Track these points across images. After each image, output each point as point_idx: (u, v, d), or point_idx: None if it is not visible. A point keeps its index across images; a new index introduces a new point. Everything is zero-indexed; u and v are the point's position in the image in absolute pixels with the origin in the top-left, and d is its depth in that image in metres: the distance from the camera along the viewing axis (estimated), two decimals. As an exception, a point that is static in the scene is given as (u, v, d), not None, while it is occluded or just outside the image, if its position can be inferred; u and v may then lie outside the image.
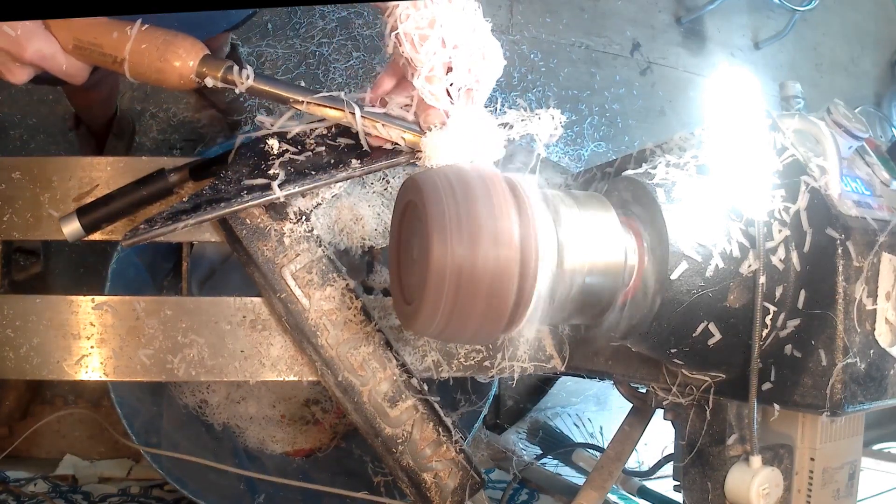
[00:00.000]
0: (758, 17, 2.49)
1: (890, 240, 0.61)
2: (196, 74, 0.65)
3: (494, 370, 0.94)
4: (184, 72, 0.65)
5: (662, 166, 0.68)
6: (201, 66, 0.65)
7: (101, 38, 0.64)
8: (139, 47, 0.64)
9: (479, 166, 0.62)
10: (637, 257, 0.65)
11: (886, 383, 0.62)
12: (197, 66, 0.65)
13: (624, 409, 1.01)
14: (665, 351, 0.66)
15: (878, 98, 2.65)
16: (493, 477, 1.63)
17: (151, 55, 0.64)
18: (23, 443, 1.46)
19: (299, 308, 0.83)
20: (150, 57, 0.64)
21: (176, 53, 0.64)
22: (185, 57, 0.64)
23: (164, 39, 0.64)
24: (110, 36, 0.64)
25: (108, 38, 0.64)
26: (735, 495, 0.68)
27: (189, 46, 0.65)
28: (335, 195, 0.87)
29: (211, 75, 0.66)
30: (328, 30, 1.95)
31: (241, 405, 1.55)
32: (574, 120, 2.18)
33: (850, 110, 0.68)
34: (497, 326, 0.59)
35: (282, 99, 0.69)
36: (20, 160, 0.87)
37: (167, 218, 0.74)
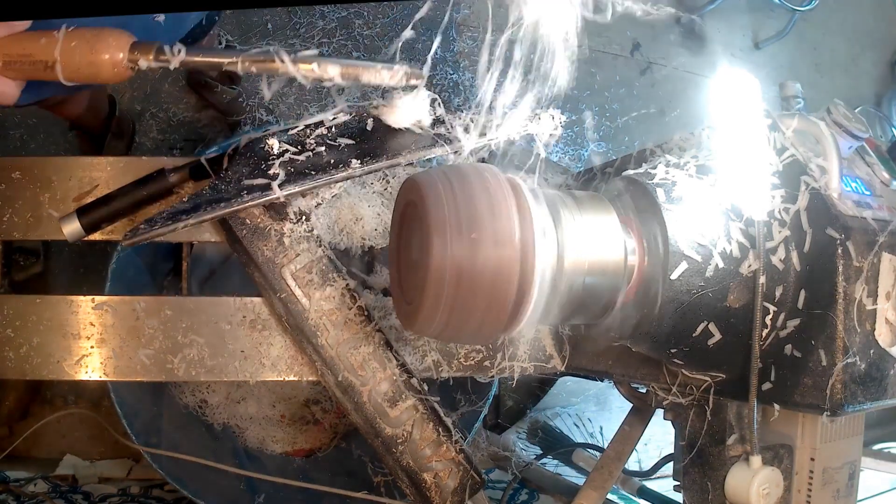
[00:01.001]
0: (758, 17, 2.49)
1: (890, 240, 0.61)
2: (129, 61, 0.65)
3: (494, 370, 0.94)
4: (116, 60, 0.65)
5: (662, 166, 0.68)
6: (132, 52, 0.65)
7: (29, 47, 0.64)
8: (69, 46, 0.64)
9: (479, 166, 0.62)
10: (637, 257, 0.65)
11: (886, 383, 0.62)
12: (128, 52, 0.65)
13: (624, 409, 1.01)
14: (665, 351, 0.66)
15: (878, 98, 2.65)
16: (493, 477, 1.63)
17: (82, 51, 0.64)
18: (23, 443, 1.46)
19: (299, 308, 0.83)
20: (80, 53, 0.64)
21: (106, 44, 0.64)
22: (115, 46, 0.64)
23: (92, 34, 0.65)
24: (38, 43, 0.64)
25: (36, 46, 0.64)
26: (735, 495, 0.68)
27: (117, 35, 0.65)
28: (335, 195, 0.87)
29: (143, 58, 0.66)
30: (328, 30, 1.95)
31: (241, 405, 1.55)
32: (574, 120, 2.18)
33: (850, 110, 0.68)
34: (497, 326, 0.59)
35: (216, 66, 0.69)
36: (20, 160, 0.87)
37: (167, 218, 0.74)
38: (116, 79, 0.67)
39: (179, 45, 0.66)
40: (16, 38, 0.64)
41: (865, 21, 2.72)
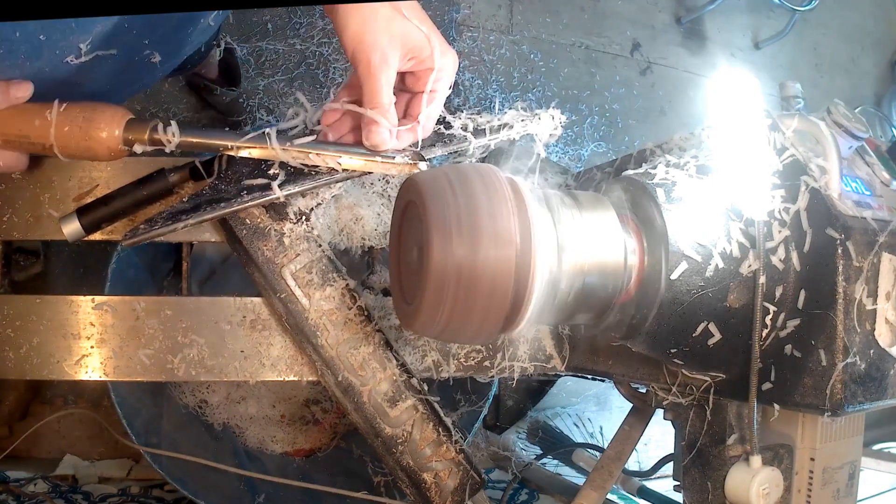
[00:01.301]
0: (758, 17, 2.49)
1: (890, 240, 0.61)
2: (123, 143, 0.65)
3: (494, 370, 0.94)
4: (111, 144, 0.65)
5: (662, 166, 0.68)
6: (126, 132, 0.65)
7: (25, 128, 0.64)
8: (62, 130, 0.63)
9: (479, 166, 0.62)
10: (637, 257, 0.65)
11: (886, 383, 0.62)
12: (122, 133, 0.65)
13: (624, 409, 1.01)
14: (665, 351, 0.66)
15: (878, 98, 2.65)
16: (493, 477, 1.63)
17: (76, 135, 0.64)
18: (23, 443, 1.46)
19: (299, 308, 0.83)
20: (74, 137, 0.64)
21: (98, 127, 0.64)
22: (108, 128, 0.64)
23: (84, 116, 0.64)
24: (32, 125, 0.63)
25: (31, 128, 0.63)
26: (735, 495, 0.68)
27: (110, 116, 0.65)
28: (335, 195, 0.87)
29: (137, 140, 0.66)
30: (328, 30, 1.95)
31: (241, 405, 1.55)
32: (574, 120, 2.18)
33: (850, 110, 0.68)
34: (497, 326, 0.59)
35: (211, 147, 0.69)
36: (20, 160, 0.87)
37: (167, 218, 0.74)
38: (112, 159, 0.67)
39: (174, 127, 0.66)
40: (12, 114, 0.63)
41: (865, 21, 2.72)
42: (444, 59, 0.68)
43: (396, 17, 0.64)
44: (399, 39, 0.64)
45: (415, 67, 0.68)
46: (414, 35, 0.65)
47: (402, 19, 0.64)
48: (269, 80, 1.88)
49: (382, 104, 0.65)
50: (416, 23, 0.65)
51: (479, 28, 2.11)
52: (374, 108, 0.65)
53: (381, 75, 0.64)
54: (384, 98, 0.65)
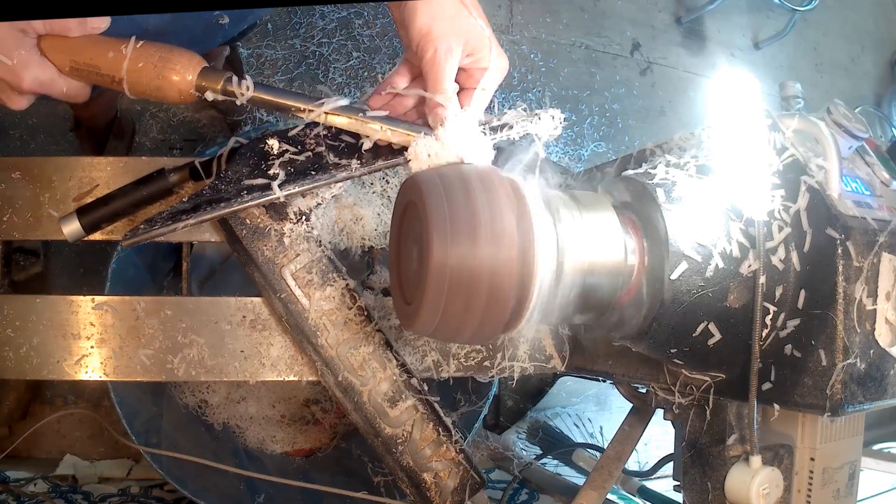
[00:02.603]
0: (758, 17, 2.49)
1: (890, 240, 0.61)
2: (195, 88, 0.65)
3: (494, 370, 0.94)
4: (183, 87, 0.65)
5: (662, 166, 0.68)
6: (200, 79, 0.65)
7: (97, 58, 0.63)
8: (136, 66, 0.63)
9: (479, 166, 0.62)
10: (637, 257, 0.65)
11: (886, 383, 0.62)
12: (196, 79, 0.65)
13: (624, 409, 1.01)
14: (665, 351, 0.66)
15: (878, 98, 2.65)
16: (493, 477, 1.63)
17: (149, 72, 0.64)
18: (23, 443, 1.45)
19: (299, 308, 0.83)
20: (147, 74, 0.64)
21: (173, 69, 0.64)
22: (182, 72, 0.64)
23: (161, 56, 0.64)
24: (106, 56, 0.63)
25: (104, 59, 0.63)
26: (735, 495, 0.68)
27: (186, 61, 0.65)
28: (335, 195, 0.87)
29: (210, 88, 0.66)
30: (328, 30, 1.95)
31: (241, 405, 1.55)
32: (574, 120, 2.18)
33: (850, 110, 0.68)
34: (497, 326, 0.59)
35: (283, 107, 0.68)
36: (20, 160, 0.87)
37: (167, 218, 0.74)
38: (182, 102, 0.67)
39: (248, 81, 0.66)
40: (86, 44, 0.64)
41: (865, 21, 2.72)
42: (499, 60, 0.71)
43: (462, 14, 0.68)
44: (464, 34, 0.67)
45: (471, 65, 0.70)
46: (476, 33, 0.68)
47: (466, 16, 0.68)
48: (270, 81, 1.88)
49: (447, 89, 0.68)
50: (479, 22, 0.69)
51: (479, 28, 2.11)
52: (440, 94, 0.68)
53: (447, 64, 0.67)
54: (449, 84, 0.68)
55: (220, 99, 0.66)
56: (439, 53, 0.66)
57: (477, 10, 0.69)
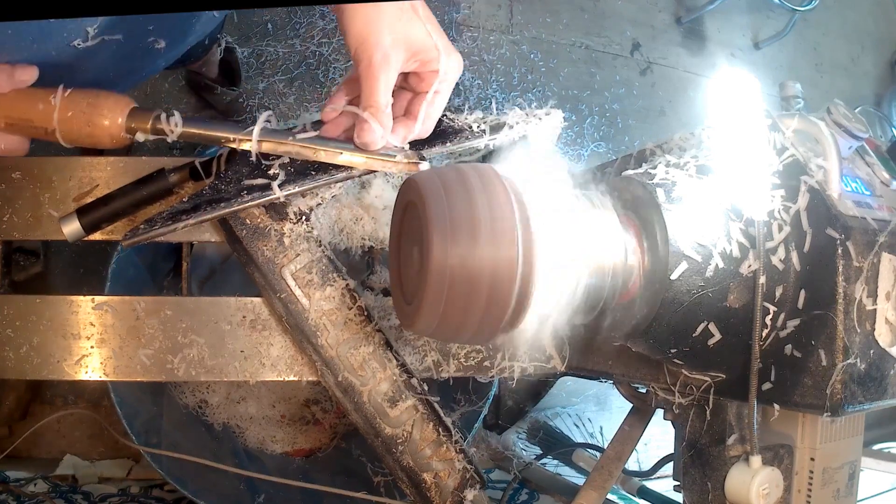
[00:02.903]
0: (758, 17, 2.49)
1: (890, 240, 0.61)
2: (126, 131, 0.65)
3: (494, 370, 0.94)
4: (113, 131, 0.65)
5: (662, 166, 0.68)
6: (129, 121, 0.65)
7: (28, 112, 0.63)
8: (65, 115, 0.63)
9: (479, 166, 0.62)
10: (637, 257, 0.65)
11: (886, 383, 0.62)
12: (125, 121, 0.65)
13: (624, 409, 1.01)
14: (665, 351, 0.66)
15: (878, 98, 2.65)
16: (493, 477, 1.63)
17: (79, 121, 0.64)
18: (23, 443, 1.45)
19: (299, 308, 0.83)
20: (77, 122, 0.64)
21: (101, 114, 0.64)
22: (111, 115, 0.64)
23: (88, 102, 0.64)
24: (37, 108, 0.63)
25: (35, 112, 0.63)
26: (735, 495, 0.68)
27: (113, 104, 0.65)
28: (335, 195, 0.87)
29: (140, 129, 0.66)
30: (328, 30, 1.95)
31: (241, 405, 1.55)
32: (574, 120, 2.18)
33: (850, 110, 0.68)
34: (497, 326, 0.59)
35: (213, 140, 0.68)
36: (20, 160, 0.87)
37: (167, 218, 0.74)
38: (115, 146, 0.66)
39: (177, 117, 0.66)
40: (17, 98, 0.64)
41: (865, 21, 2.72)
42: (449, 61, 0.68)
43: (402, 18, 0.64)
44: (403, 40, 0.64)
45: (419, 69, 0.68)
46: (419, 36, 0.65)
47: (407, 20, 0.64)
48: (269, 81, 1.88)
49: (378, 104, 0.65)
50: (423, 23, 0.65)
51: (479, 28, 2.11)
52: (369, 108, 0.65)
53: (381, 75, 0.64)
54: (381, 98, 0.65)
55: (152, 139, 0.67)
56: (373, 64, 0.63)
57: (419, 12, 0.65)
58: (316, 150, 0.69)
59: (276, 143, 0.69)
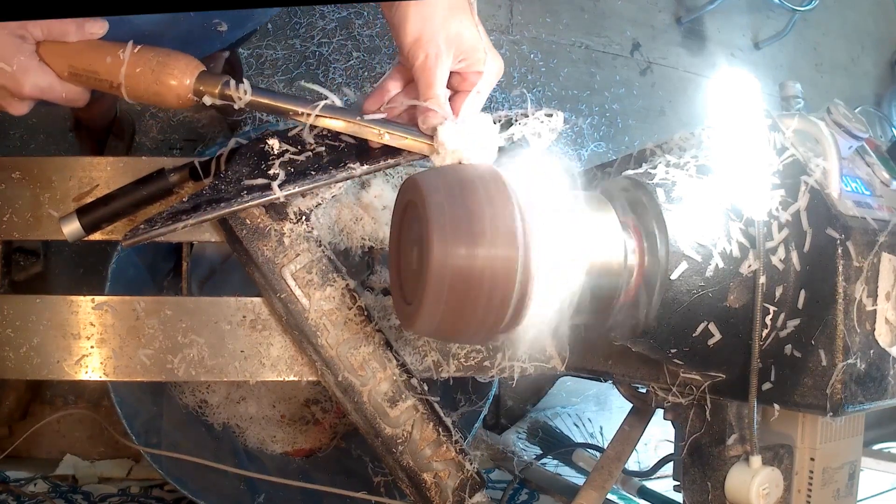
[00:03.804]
0: (758, 17, 2.49)
1: (890, 240, 0.61)
2: (193, 93, 0.65)
3: (494, 370, 0.94)
4: (180, 91, 0.64)
5: (662, 166, 0.68)
6: (198, 83, 0.65)
7: (95, 64, 0.63)
8: (133, 71, 0.63)
9: (479, 166, 0.62)
10: (637, 257, 0.65)
11: (886, 383, 0.62)
12: (193, 83, 0.65)
13: (624, 409, 1.01)
14: (665, 351, 0.66)
15: (878, 98, 2.65)
16: (493, 477, 1.63)
17: (147, 77, 0.63)
18: (23, 443, 1.45)
19: (299, 308, 0.83)
20: (145, 79, 0.64)
21: (171, 73, 0.64)
22: (180, 76, 0.64)
23: (158, 60, 0.64)
24: (104, 61, 0.63)
25: (102, 64, 0.63)
26: (735, 495, 0.68)
27: (184, 65, 0.64)
28: (335, 195, 0.87)
29: (208, 92, 0.65)
30: (328, 30, 1.95)
31: (241, 405, 1.55)
32: (574, 120, 2.18)
33: (850, 110, 0.68)
34: (497, 326, 0.58)
35: (281, 111, 0.68)
36: (20, 160, 0.87)
37: (167, 218, 0.74)
38: (181, 107, 0.66)
39: (246, 85, 0.66)
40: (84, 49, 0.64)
41: (865, 21, 2.72)
42: (494, 63, 0.70)
43: (454, 18, 0.66)
44: (455, 39, 0.66)
45: (464, 69, 0.70)
46: (468, 37, 0.67)
47: (458, 20, 0.66)
48: (269, 81, 1.88)
49: (438, 95, 0.67)
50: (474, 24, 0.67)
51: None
52: (430, 99, 0.67)
53: (438, 70, 0.66)
54: (440, 91, 0.67)
55: (219, 103, 0.66)
56: (430, 59, 0.65)
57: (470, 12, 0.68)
58: (381, 132, 0.69)
59: (343, 121, 0.69)
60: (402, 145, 0.70)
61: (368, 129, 0.69)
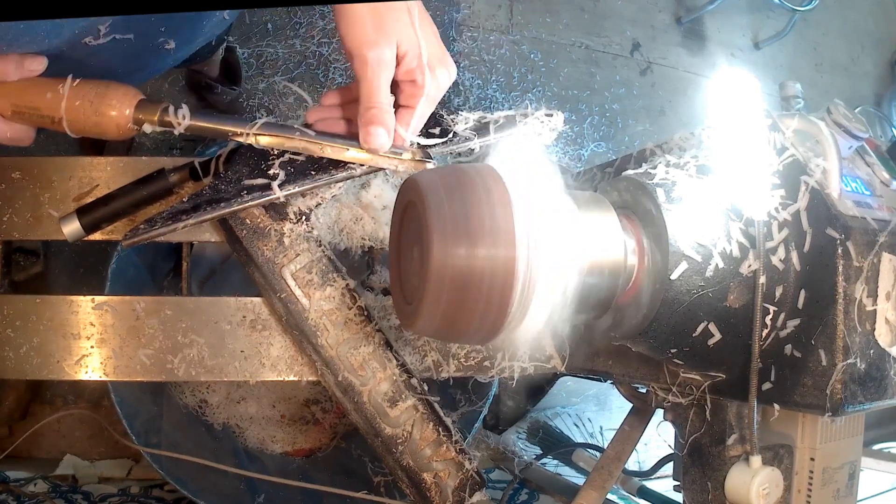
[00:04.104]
0: (758, 17, 2.49)
1: (890, 240, 0.61)
2: (133, 122, 0.65)
3: (494, 370, 0.94)
4: (120, 121, 0.65)
5: (662, 166, 0.68)
6: (137, 112, 0.65)
7: (36, 100, 0.64)
8: (73, 104, 0.63)
9: (479, 166, 0.62)
10: (637, 257, 0.65)
11: (886, 383, 0.62)
12: (133, 113, 0.65)
13: (624, 409, 1.01)
14: (665, 351, 0.66)
15: (878, 98, 2.65)
16: (493, 477, 1.63)
17: (86, 110, 0.64)
18: (23, 443, 1.45)
19: (299, 308, 0.83)
20: (84, 112, 0.64)
21: (110, 104, 0.64)
22: (119, 106, 0.64)
23: (97, 92, 0.64)
24: (44, 97, 0.63)
25: (42, 100, 0.64)
26: (735, 495, 0.68)
27: (122, 95, 0.65)
28: (335, 195, 0.87)
29: (148, 120, 0.66)
30: (328, 30, 1.95)
31: (241, 405, 1.55)
32: (574, 120, 2.18)
33: (850, 110, 0.68)
34: (497, 327, 0.58)
35: (221, 133, 0.69)
36: (20, 160, 0.87)
37: (167, 218, 0.74)
38: (121, 137, 0.67)
39: (184, 110, 0.66)
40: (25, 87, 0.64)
41: (865, 21, 2.72)
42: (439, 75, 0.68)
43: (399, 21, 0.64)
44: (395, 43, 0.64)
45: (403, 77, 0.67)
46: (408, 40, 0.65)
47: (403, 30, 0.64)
48: (269, 81, 1.88)
49: (380, 104, 0.65)
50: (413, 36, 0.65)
51: (479, 28, 2.11)
52: (371, 109, 0.65)
53: (381, 75, 0.64)
54: (382, 98, 0.65)
55: (159, 130, 0.67)
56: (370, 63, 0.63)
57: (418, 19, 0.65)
58: (322, 145, 0.69)
59: (282, 138, 0.69)
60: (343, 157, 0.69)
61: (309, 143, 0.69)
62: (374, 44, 0.63)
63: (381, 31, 0.63)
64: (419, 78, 0.67)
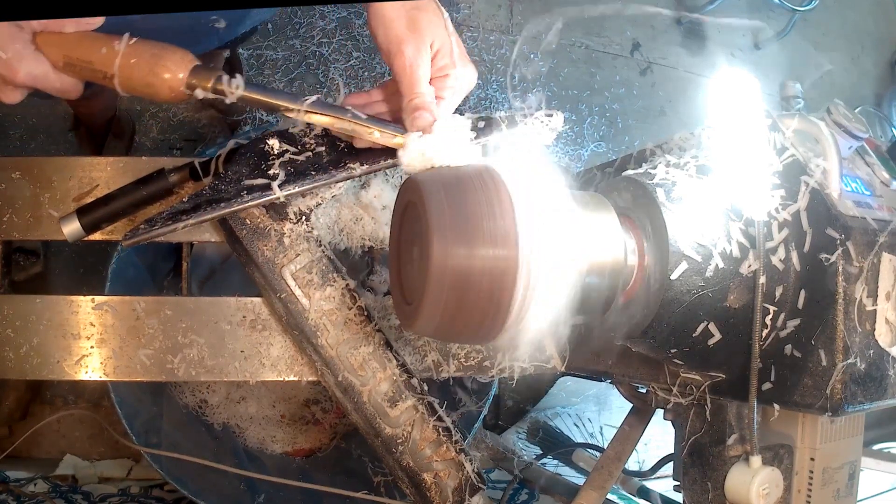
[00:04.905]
0: (758, 17, 2.49)
1: (890, 240, 0.61)
2: (186, 86, 0.65)
3: (494, 370, 0.94)
4: (173, 84, 0.65)
5: (662, 166, 0.68)
6: (191, 77, 0.65)
7: (90, 54, 0.64)
8: (128, 62, 0.63)
9: (479, 166, 0.62)
10: (637, 257, 0.65)
11: (886, 383, 0.62)
12: (187, 77, 0.65)
13: (624, 409, 1.01)
14: (665, 351, 0.66)
15: (878, 98, 2.65)
16: (493, 477, 1.63)
17: (141, 69, 0.64)
18: (23, 443, 1.46)
19: (299, 308, 0.83)
20: (139, 71, 0.64)
21: (165, 66, 0.64)
22: (174, 69, 0.64)
23: (153, 53, 0.64)
24: (99, 52, 0.63)
25: (97, 55, 0.63)
26: (735, 495, 0.68)
27: (178, 58, 0.65)
28: (335, 195, 0.87)
29: (201, 86, 0.65)
30: (328, 30, 1.95)
31: (241, 405, 1.55)
32: (574, 120, 2.18)
33: (850, 110, 0.68)
34: (497, 327, 0.58)
35: (273, 107, 0.68)
36: (20, 160, 0.87)
37: (167, 218, 0.74)
38: (173, 100, 0.67)
39: (239, 80, 0.66)
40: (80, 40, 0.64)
41: (865, 21, 2.72)
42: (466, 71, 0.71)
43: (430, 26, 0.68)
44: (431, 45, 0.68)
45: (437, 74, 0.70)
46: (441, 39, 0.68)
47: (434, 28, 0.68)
48: (270, 81, 1.88)
49: (423, 93, 0.68)
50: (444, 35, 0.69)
51: (479, 28, 2.11)
52: (415, 98, 0.68)
53: (420, 70, 0.67)
54: (424, 87, 0.68)
55: (211, 97, 0.66)
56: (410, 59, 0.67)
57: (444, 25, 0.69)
58: (371, 129, 0.69)
59: (333, 118, 0.69)
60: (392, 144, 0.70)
61: (359, 125, 0.69)
62: (411, 41, 0.67)
63: (415, 29, 0.67)
64: (451, 72, 0.70)
